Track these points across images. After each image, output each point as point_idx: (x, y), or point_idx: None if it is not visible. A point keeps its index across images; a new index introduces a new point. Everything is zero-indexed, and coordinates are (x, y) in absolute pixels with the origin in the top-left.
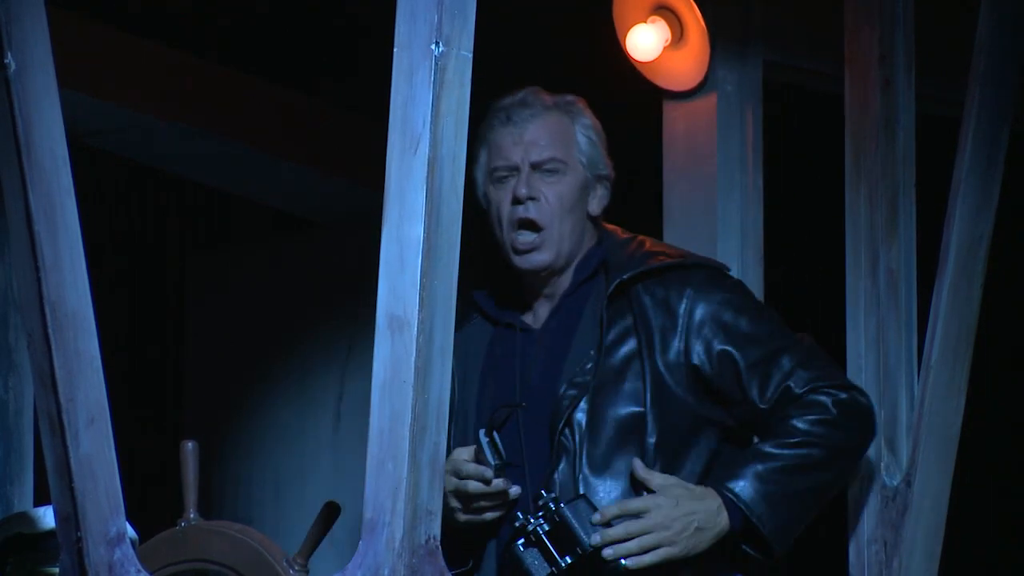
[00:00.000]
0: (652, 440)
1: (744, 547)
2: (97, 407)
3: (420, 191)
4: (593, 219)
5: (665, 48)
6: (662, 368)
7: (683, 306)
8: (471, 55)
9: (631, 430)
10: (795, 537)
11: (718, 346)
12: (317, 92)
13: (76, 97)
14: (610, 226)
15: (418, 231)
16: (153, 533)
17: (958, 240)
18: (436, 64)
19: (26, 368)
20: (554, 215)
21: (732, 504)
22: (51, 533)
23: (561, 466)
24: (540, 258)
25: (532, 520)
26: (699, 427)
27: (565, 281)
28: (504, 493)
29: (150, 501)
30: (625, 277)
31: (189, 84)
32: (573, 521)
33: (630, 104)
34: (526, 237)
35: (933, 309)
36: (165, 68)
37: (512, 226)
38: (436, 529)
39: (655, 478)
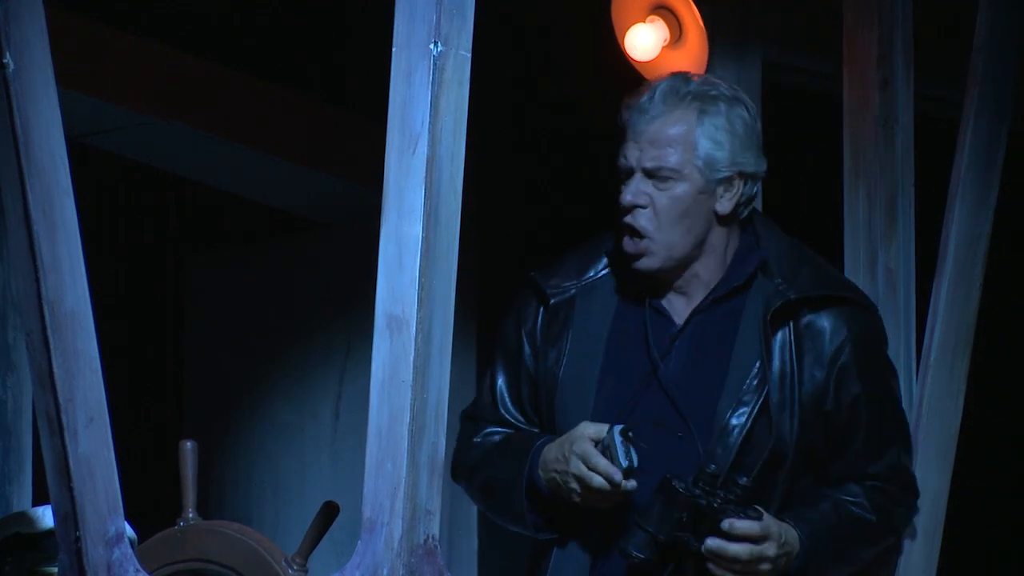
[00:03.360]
0: (785, 486)
1: None
2: (96, 407)
3: (419, 191)
4: (728, 217)
5: (664, 48)
6: (806, 402)
7: (837, 347)
8: (470, 55)
9: (773, 466)
10: None
11: (852, 405)
12: (316, 92)
13: (76, 97)
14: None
15: (416, 231)
16: (152, 533)
17: (957, 240)
18: (435, 64)
19: (25, 368)
20: (661, 224)
21: (803, 559)
22: (50, 533)
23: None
24: (647, 263)
25: (696, 490)
26: (812, 470)
27: (713, 277)
28: (627, 493)
29: (149, 501)
30: (792, 297)
31: (189, 84)
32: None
33: None
34: (629, 243)
35: (932, 309)
36: (165, 68)
37: (623, 228)
38: (435, 528)
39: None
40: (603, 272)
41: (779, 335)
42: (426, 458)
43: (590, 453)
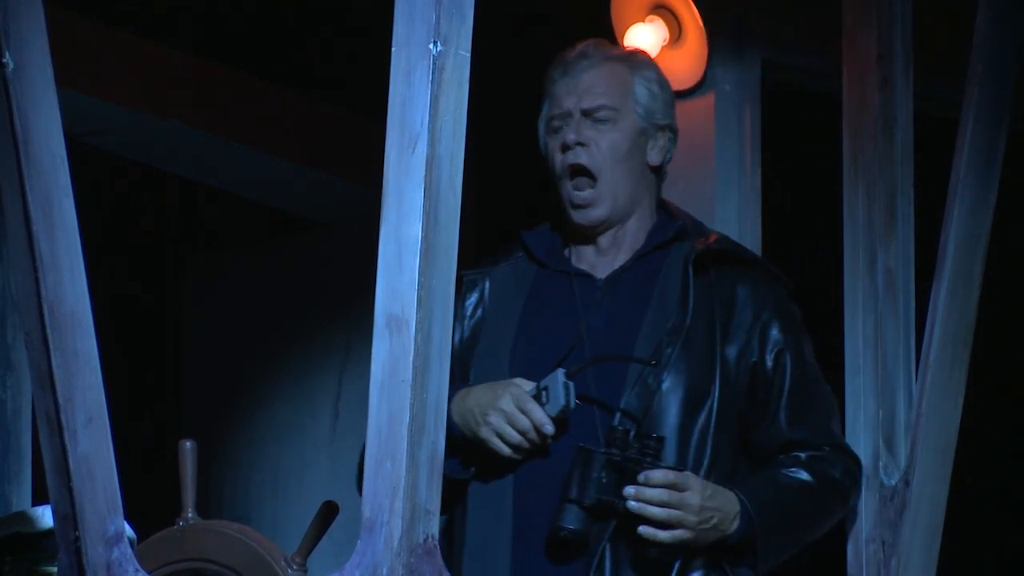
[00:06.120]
0: (710, 454)
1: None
2: (95, 406)
3: (418, 190)
4: (656, 172)
5: (663, 47)
6: (729, 357)
7: (757, 309)
8: (469, 54)
9: (695, 405)
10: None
11: (776, 359)
12: (316, 91)
13: (76, 97)
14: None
15: (416, 230)
16: (151, 532)
17: (956, 240)
18: (434, 63)
19: (24, 367)
20: (605, 162)
21: (748, 519)
22: (49, 532)
23: (627, 418)
24: (596, 213)
25: (613, 449)
26: (739, 427)
27: (638, 239)
28: (545, 442)
29: (148, 500)
30: (712, 246)
31: (189, 84)
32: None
33: None
34: (583, 192)
35: (931, 309)
36: (165, 68)
37: (565, 174)
38: (434, 528)
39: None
40: (518, 255)
41: (703, 290)
42: (425, 458)
43: (525, 396)
